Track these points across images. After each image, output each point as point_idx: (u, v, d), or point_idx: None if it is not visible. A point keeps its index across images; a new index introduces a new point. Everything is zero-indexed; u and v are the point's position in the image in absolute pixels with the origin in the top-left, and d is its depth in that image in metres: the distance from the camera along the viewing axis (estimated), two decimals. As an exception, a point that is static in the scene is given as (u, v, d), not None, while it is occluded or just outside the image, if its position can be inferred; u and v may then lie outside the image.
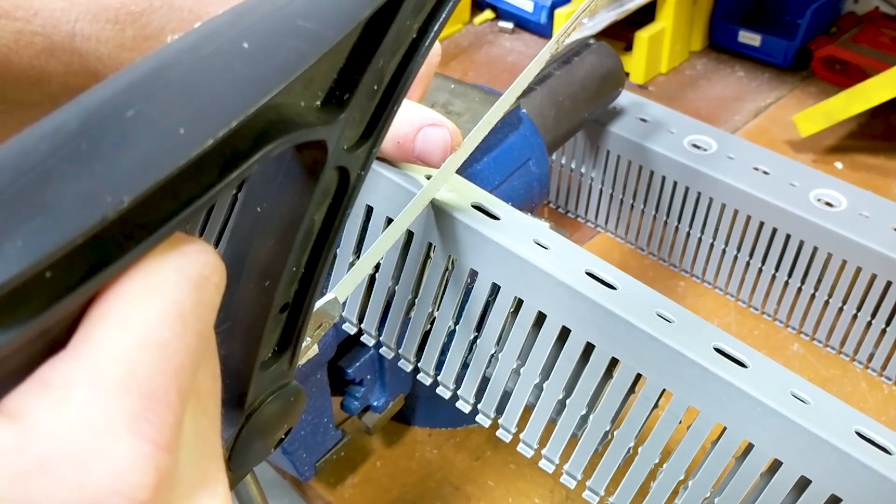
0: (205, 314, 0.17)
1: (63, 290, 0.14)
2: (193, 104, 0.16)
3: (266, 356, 0.24)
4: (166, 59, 0.16)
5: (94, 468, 0.14)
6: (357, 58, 0.20)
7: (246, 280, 0.23)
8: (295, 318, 0.24)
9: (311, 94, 0.19)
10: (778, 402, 0.29)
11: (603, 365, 0.33)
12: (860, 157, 0.74)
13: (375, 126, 0.22)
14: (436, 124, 0.33)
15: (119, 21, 0.30)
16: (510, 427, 0.36)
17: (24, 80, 0.32)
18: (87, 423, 0.14)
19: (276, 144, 0.17)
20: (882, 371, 0.56)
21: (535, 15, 0.88)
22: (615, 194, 0.64)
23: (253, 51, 0.17)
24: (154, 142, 0.15)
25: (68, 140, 0.14)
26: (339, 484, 0.51)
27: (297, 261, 0.23)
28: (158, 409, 0.15)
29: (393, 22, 0.20)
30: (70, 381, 0.15)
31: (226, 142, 0.16)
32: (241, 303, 0.23)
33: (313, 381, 0.45)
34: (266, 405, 0.25)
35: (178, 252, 0.16)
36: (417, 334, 0.37)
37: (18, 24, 0.30)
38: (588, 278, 0.33)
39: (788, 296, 0.58)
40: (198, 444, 0.18)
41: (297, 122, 0.18)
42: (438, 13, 0.22)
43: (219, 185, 0.16)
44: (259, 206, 0.22)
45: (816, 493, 0.29)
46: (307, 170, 0.21)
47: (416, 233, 0.35)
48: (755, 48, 0.85)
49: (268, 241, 0.22)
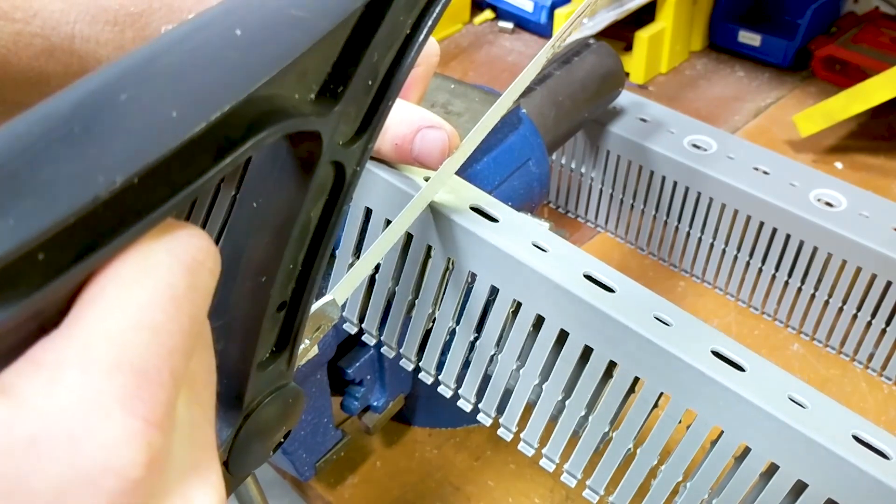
0: (199, 298, 0.17)
1: (55, 270, 0.14)
2: (186, 89, 0.16)
3: (264, 356, 0.24)
4: (160, 47, 0.16)
5: (85, 445, 0.14)
6: (351, 51, 0.20)
7: (242, 277, 0.23)
8: (293, 318, 0.24)
9: (306, 87, 0.19)
10: (775, 407, 0.29)
11: (601, 367, 0.33)
12: (860, 157, 0.74)
13: (370, 121, 0.22)
14: (434, 126, 0.33)
15: (118, 23, 0.30)
16: (511, 426, 0.36)
17: (23, 81, 0.32)
18: (78, 402, 0.14)
19: (269, 132, 0.17)
20: (882, 371, 0.56)
21: (535, 15, 0.88)
22: (615, 194, 0.64)
23: (245, 38, 0.17)
24: (146, 124, 0.15)
25: (61, 123, 0.14)
26: (339, 484, 0.51)
27: (294, 258, 0.23)
28: (151, 388, 0.15)
29: (385, 16, 0.20)
30: (62, 360, 0.15)
31: (218, 127, 0.16)
32: (238, 300, 0.23)
33: (313, 381, 0.45)
34: (264, 406, 0.25)
35: (172, 236, 0.16)
36: (418, 334, 0.37)
37: (17, 26, 0.30)
38: (586, 281, 0.33)
39: (788, 296, 0.58)
40: (191, 432, 0.18)
41: (291, 112, 0.18)
42: (431, 8, 0.22)
43: (211, 171, 0.16)
44: (255, 201, 0.22)
45: (813, 497, 0.30)
46: (302, 164, 0.21)
47: (416, 235, 0.35)
48: (755, 48, 0.85)
49: (264, 238, 0.22)
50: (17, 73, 0.31)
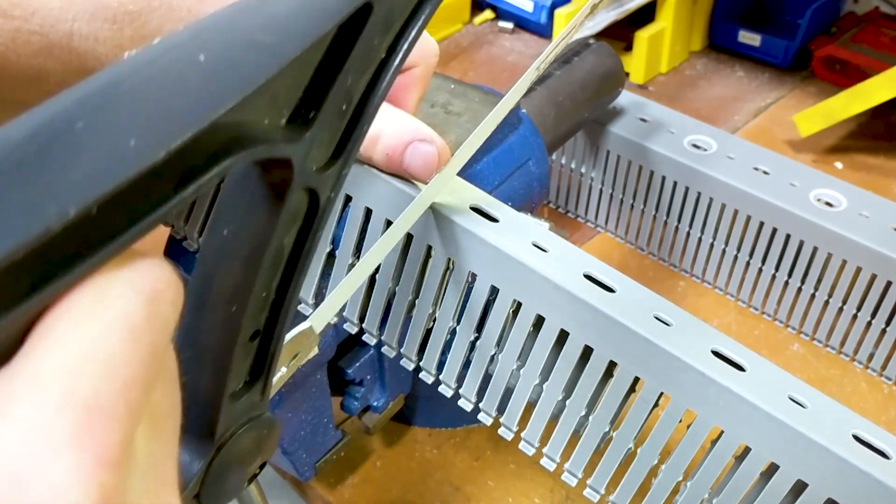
0: (159, 330, 0.16)
1: (5, 305, 0.14)
2: (146, 116, 0.15)
3: (237, 386, 0.24)
4: (120, 73, 0.16)
5: (31, 486, 0.13)
6: (323, 75, 0.19)
7: (213, 306, 0.22)
8: (266, 347, 0.24)
9: (276, 112, 0.18)
10: (774, 407, 0.29)
11: (602, 367, 0.33)
12: (860, 157, 0.74)
13: (345, 147, 0.21)
14: (426, 140, 0.33)
15: (117, 20, 0.30)
16: (511, 426, 0.36)
17: (22, 79, 0.32)
18: (25, 439, 0.13)
19: (235, 159, 0.17)
20: (882, 371, 0.56)
21: (535, 15, 0.88)
22: (615, 194, 0.64)
23: (209, 64, 0.16)
24: (102, 154, 0.14)
25: (13, 151, 0.14)
26: (339, 484, 0.51)
27: (267, 286, 0.22)
28: (105, 424, 0.14)
29: (359, 39, 0.20)
30: (9, 396, 0.14)
31: (180, 155, 0.16)
32: (209, 329, 0.22)
33: (313, 381, 0.45)
34: (238, 437, 0.24)
35: (132, 267, 0.16)
36: (419, 334, 0.37)
37: (16, 23, 0.30)
38: (586, 281, 0.33)
39: (788, 296, 0.58)
40: (150, 469, 0.17)
41: (259, 138, 0.18)
42: (407, 32, 0.21)
43: (173, 200, 0.16)
44: (225, 228, 0.21)
45: (813, 496, 0.30)
46: (273, 191, 0.20)
47: (416, 235, 0.35)
48: (755, 48, 0.85)
49: (235, 265, 0.21)
50: (16, 71, 0.31)
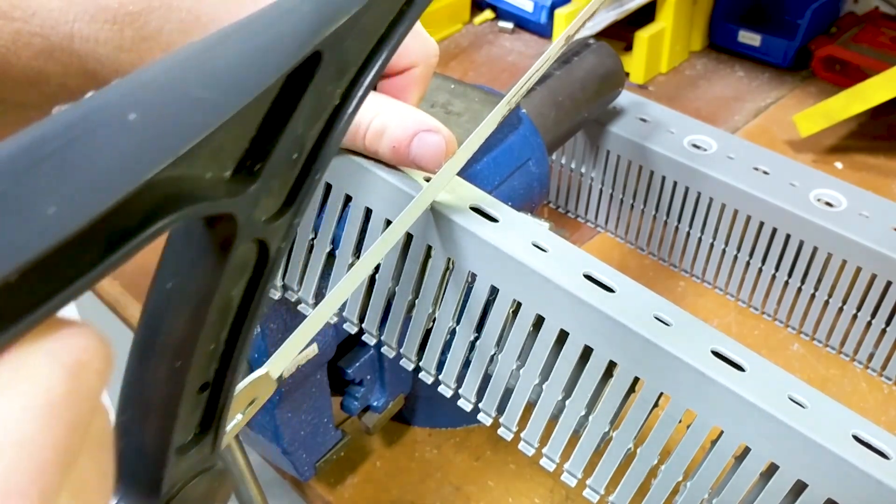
0: (81, 403, 0.15)
1: None
2: (67, 183, 0.15)
3: (185, 439, 0.23)
4: (42, 135, 0.15)
5: None
6: (270, 126, 0.19)
7: (158, 359, 0.21)
8: (216, 398, 0.23)
9: (219, 165, 0.18)
10: (774, 407, 0.29)
11: (601, 367, 0.33)
12: (860, 157, 0.74)
13: (297, 195, 0.21)
14: (432, 130, 0.33)
15: (117, 21, 0.30)
16: (511, 426, 0.36)
17: (23, 80, 0.31)
18: None
19: (171, 219, 0.16)
20: (882, 371, 0.56)
21: (535, 15, 0.88)
22: (615, 194, 0.64)
23: (140, 123, 0.16)
24: (19, 223, 0.14)
25: None
26: (339, 484, 0.51)
27: (215, 338, 0.21)
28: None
29: (308, 88, 0.19)
30: None
31: (108, 219, 0.15)
32: (154, 383, 0.22)
33: (313, 381, 0.45)
34: (185, 491, 0.24)
35: (54, 337, 0.15)
36: (418, 334, 0.37)
37: (16, 25, 0.30)
38: (586, 281, 0.33)
39: (788, 296, 0.58)
40: None
41: (197, 195, 0.17)
42: (362, 78, 0.21)
43: (103, 265, 0.15)
44: (169, 282, 0.20)
45: (813, 497, 0.29)
46: (217, 244, 0.19)
47: (416, 235, 0.35)
48: (755, 48, 0.85)
49: (178, 320, 0.21)
50: (16, 73, 0.31)
